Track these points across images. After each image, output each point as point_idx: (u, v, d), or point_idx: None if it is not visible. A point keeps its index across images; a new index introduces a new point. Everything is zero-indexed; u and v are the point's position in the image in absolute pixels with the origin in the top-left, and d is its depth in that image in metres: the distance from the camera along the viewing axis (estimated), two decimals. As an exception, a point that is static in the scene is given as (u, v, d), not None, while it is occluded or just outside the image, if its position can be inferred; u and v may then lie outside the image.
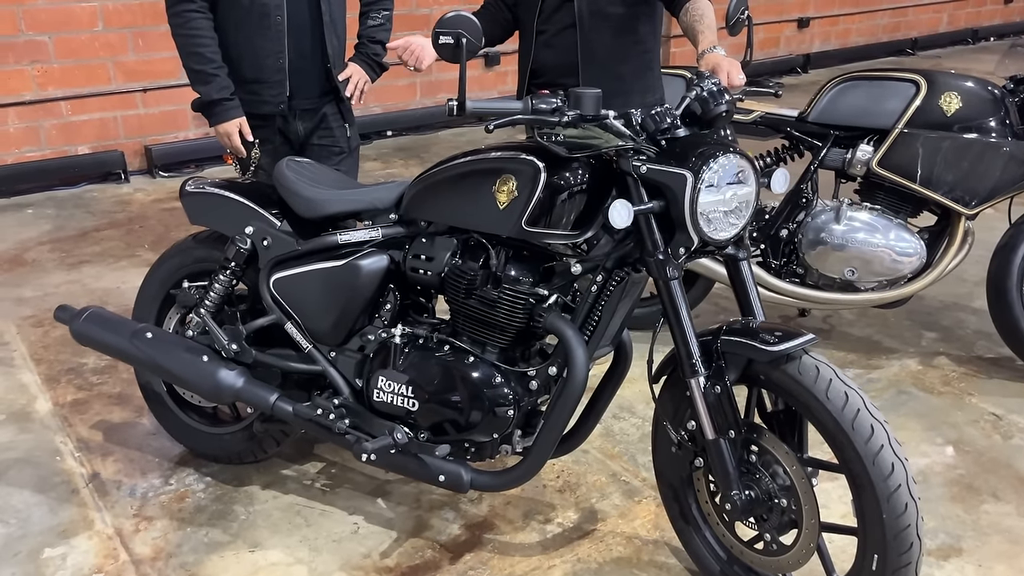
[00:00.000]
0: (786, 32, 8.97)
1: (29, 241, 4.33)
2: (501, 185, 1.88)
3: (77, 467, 2.49)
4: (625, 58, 2.55)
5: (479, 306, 1.95)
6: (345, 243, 2.11)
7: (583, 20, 2.48)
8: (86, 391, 2.90)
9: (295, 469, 2.47)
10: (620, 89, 2.49)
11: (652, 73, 2.66)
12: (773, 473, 1.75)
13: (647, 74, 2.63)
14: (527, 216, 1.84)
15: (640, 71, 2.60)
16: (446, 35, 1.75)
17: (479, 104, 1.78)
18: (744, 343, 1.70)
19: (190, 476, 2.44)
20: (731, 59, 2.12)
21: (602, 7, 2.48)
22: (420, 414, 2.01)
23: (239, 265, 2.21)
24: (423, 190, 2.05)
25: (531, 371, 1.97)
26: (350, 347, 2.14)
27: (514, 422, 1.96)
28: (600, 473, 2.44)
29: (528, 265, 1.96)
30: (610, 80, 2.39)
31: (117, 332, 2.25)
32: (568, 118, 1.75)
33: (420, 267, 2.03)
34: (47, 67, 5.06)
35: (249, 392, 2.16)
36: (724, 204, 1.75)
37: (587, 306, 1.91)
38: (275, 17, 2.57)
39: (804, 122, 3.00)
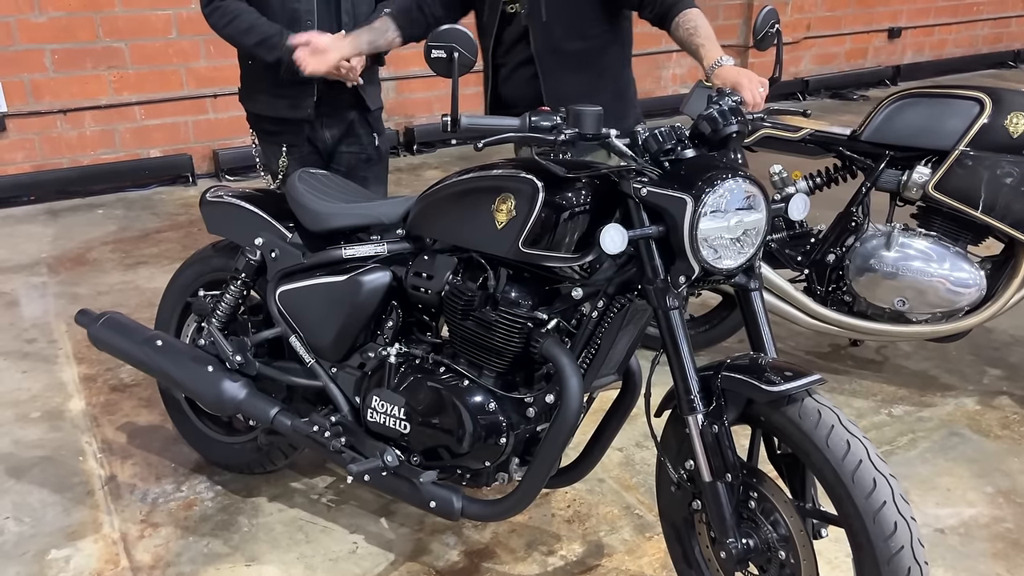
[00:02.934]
0: (875, 42, 8.60)
1: (94, 241, 4.49)
2: (500, 204, 1.81)
3: (97, 468, 2.53)
4: (593, 91, 2.34)
5: (476, 328, 1.88)
6: (350, 258, 2.07)
7: (541, 58, 2.35)
8: (119, 392, 2.96)
9: (305, 482, 2.45)
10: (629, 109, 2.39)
11: (624, 100, 2.51)
12: (773, 522, 1.62)
13: (618, 103, 2.45)
14: (525, 236, 1.76)
15: (611, 101, 2.32)
16: (439, 49, 1.69)
17: (474, 120, 1.71)
18: (744, 381, 1.58)
19: (201, 484, 2.45)
20: (749, 73, 1.99)
21: (559, 44, 2.35)
22: (412, 437, 1.95)
23: (249, 276, 2.20)
24: (427, 206, 1.99)
25: (528, 398, 1.88)
26: (351, 364, 2.10)
27: (508, 450, 1.88)
28: (613, 504, 2.34)
29: (528, 288, 1.88)
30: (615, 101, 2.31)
31: (130, 338, 2.27)
32: (566, 136, 1.67)
33: (420, 285, 1.98)
34: (123, 72, 5.25)
35: (250, 404, 2.14)
36: (729, 231, 1.63)
37: (587, 333, 1.82)
38: (305, 23, 2.58)
39: (857, 141, 2.82)
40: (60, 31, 5.01)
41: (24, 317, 3.56)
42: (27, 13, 4.90)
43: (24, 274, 4.04)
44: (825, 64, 8.29)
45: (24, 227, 4.74)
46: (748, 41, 7.67)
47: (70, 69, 5.11)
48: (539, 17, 2.29)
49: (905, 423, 2.71)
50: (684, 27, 2.23)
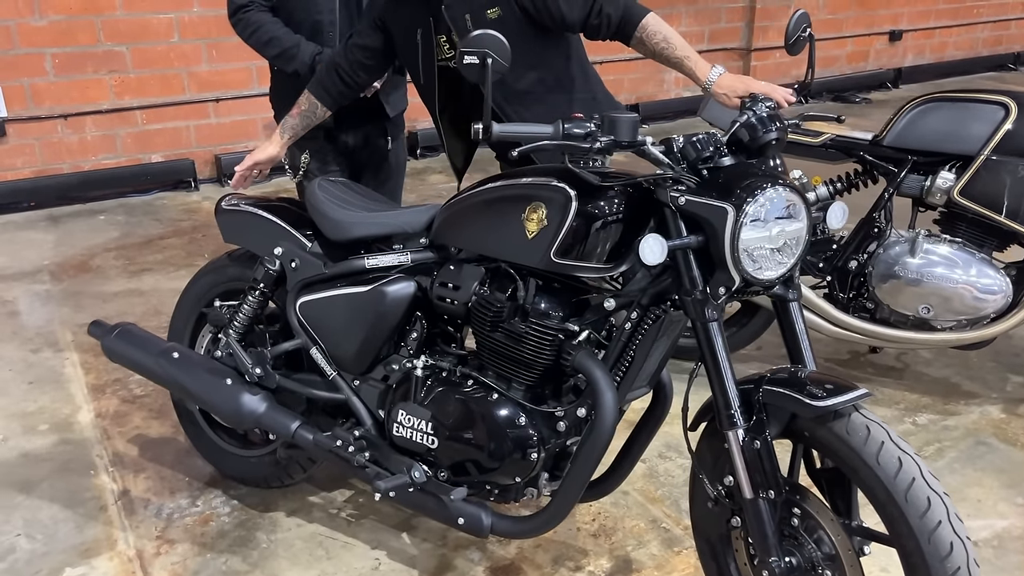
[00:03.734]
0: (876, 45, 8.58)
1: (96, 247, 4.43)
2: (530, 213, 1.76)
3: (109, 482, 2.47)
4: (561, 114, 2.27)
5: (505, 340, 1.83)
6: (373, 267, 2.02)
7: (500, 106, 2.22)
8: (128, 403, 2.90)
9: (323, 496, 2.40)
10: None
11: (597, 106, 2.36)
12: (817, 540, 1.58)
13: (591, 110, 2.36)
14: (557, 246, 1.72)
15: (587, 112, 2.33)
16: (471, 55, 1.64)
17: (507, 128, 1.67)
18: (788, 395, 1.53)
19: (217, 499, 2.39)
20: (749, 78, 2.02)
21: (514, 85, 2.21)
22: (440, 452, 1.90)
23: (268, 286, 2.15)
24: (453, 215, 1.95)
25: (559, 411, 1.84)
26: (374, 376, 2.05)
27: (539, 465, 1.84)
28: (639, 518, 2.29)
29: (558, 298, 1.83)
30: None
31: (145, 350, 2.22)
32: (601, 144, 1.63)
33: (446, 295, 1.93)
34: (124, 77, 5.19)
35: (270, 418, 2.09)
36: (770, 241, 1.59)
37: (620, 345, 1.78)
38: (328, 33, 2.64)
39: (879, 146, 2.78)
40: (60, 35, 4.95)
41: (28, 326, 3.49)
42: (27, 17, 4.84)
43: (26, 281, 3.98)
44: (827, 67, 8.27)
45: (25, 234, 4.67)
46: (750, 44, 7.66)
47: (71, 73, 5.05)
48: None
49: (931, 432, 2.67)
50: (651, 40, 2.20)
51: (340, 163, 2.82)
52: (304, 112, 2.44)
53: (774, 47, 7.76)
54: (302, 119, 2.45)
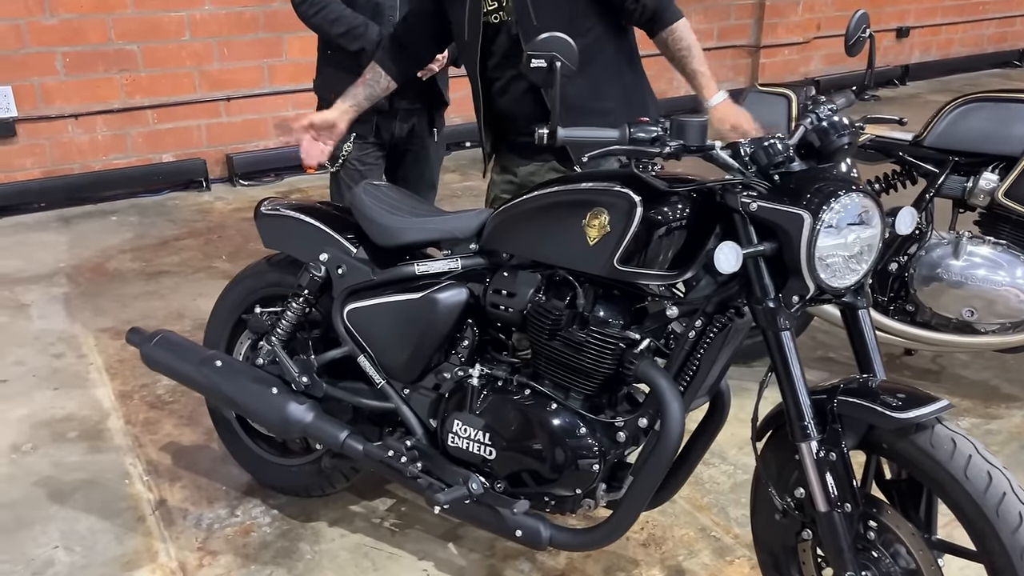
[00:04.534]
0: (884, 42, 8.55)
1: (111, 249, 4.37)
2: (592, 219, 1.72)
3: (145, 492, 2.43)
4: (597, 91, 2.24)
5: (563, 349, 1.79)
6: (422, 274, 1.98)
7: None
8: (157, 410, 2.85)
9: (364, 505, 2.36)
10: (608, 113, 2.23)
11: (634, 99, 2.35)
12: (895, 554, 1.55)
13: (627, 102, 2.32)
14: (620, 254, 1.68)
15: (619, 100, 2.30)
16: (538, 58, 1.60)
17: (573, 132, 1.63)
18: (866, 406, 1.50)
19: (256, 508, 2.35)
20: (746, 114, 2.10)
21: None
22: (497, 463, 1.86)
23: (312, 293, 2.11)
24: (506, 220, 1.91)
25: (619, 421, 1.80)
26: (425, 384, 2.01)
27: (599, 476, 1.80)
28: (688, 527, 2.26)
29: (618, 306, 1.79)
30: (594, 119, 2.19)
31: (186, 359, 2.17)
32: (670, 149, 1.59)
33: (501, 303, 1.89)
34: (135, 76, 5.13)
35: (318, 428, 2.05)
36: (845, 248, 1.55)
37: (683, 354, 1.74)
38: (388, 17, 2.69)
39: (919, 146, 2.75)
40: (71, 33, 4.88)
41: (49, 330, 3.44)
42: (37, 15, 4.77)
43: (43, 284, 3.92)
44: (834, 64, 8.25)
45: (37, 235, 4.61)
46: (759, 42, 7.62)
47: (81, 72, 4.98)
48: (529, 21, 2.16)
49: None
50: (675, 46, 2.20)
51: (377, 157, 2.85)
52: (369, 81, 2.42)
53: (783, 44, 7.74)
54: (366, 88, 2.42)
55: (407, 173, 2.99)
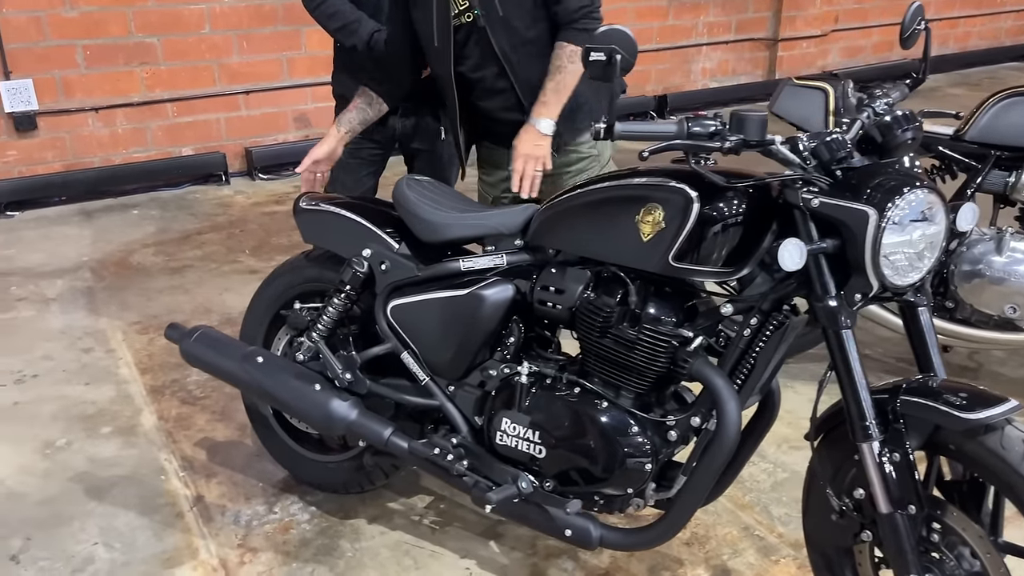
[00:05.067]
0: (901, 35, 8.48)
1: (134, 243, 4.36)
2: (645, 215, 1.70)
3: (181, 488, 2.41)
4: None
5: (614, 346, 1.77)
6: (468, 270, 1.96)
7: (507, 55, 2.21)
8: (190, 405, 2.84)
9: (403, 503, 2.34)
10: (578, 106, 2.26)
11: None
12: (959, 556, 1.52)
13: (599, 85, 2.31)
14: (676, 250, 1.66)
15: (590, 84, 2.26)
16: (598, 51, 1.58)
17: (629, 127, 1.61)
18: (931, 406, 1.48)
19: (294, 505, 2.33)
20: (542, 152, 2.15)
21: (523, 34, 2.20)
22: (546, 462, 1.84)
23: (355, 289, 2.09)
24: (554, 216, 1.88)
25: (670, 420, 1.78)
26: (470, 382, 1.99)
27: (651, 476, 1.78)
28: (731, 525, 2.24)
29: (671, 303, 1.77)
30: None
31: (227, 355, 2.15)
32: (731, 143, 1.56)
33: (549, 300, 1.86)
34: (155, 69, 5.11)
35: (362, 425, 2.03)
36: (910, 245, 1.52)
37: (738, 352, 1.72)
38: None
39: (960, 141, 2.71)
40: (92, 26, 4.87)
41: (76, 325, 3.43)
42: (58, 8, 4.75)
43: (68, 278, 3.91)
44: (852, 57, 8.19)
45: (59, 229, 4.60)
46: (777, 35, 7.57)
47: (102, 65, 4.96)
48: (496, 13, 2.17)
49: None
50: (552, 62, 2.18)
51: (373, 153, 2.76)
52: (360, 105, 2.42)
53: (801, 37, 7.68)
54: (359, 113, 2.42)
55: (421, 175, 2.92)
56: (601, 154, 2.40)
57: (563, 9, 2.17)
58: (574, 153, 2.36)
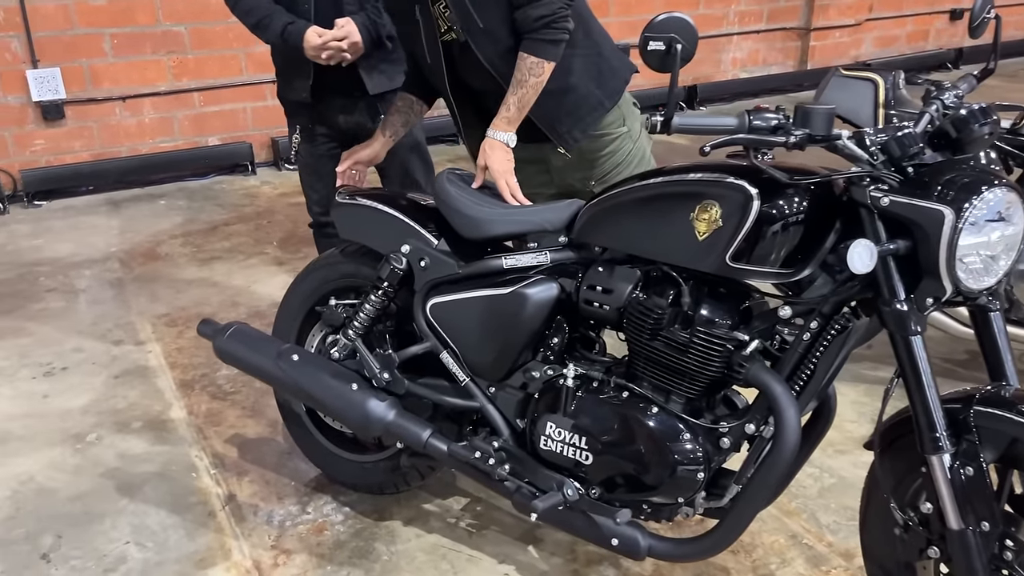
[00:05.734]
0: (936, 24, 8.33)
1: (162, 233, 4.33)
2: (701, 212, 1.62)
3: (213, 486, 2.37)
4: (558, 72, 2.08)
5: (665, 349, 1.70)
6: (510, 268, 1.89)
7: (495, 64, 2.08)
8: (220, 400, 2.80)
9: (438, 504, 2.28)
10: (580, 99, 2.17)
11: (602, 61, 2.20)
12: (1033, 575, 1.44)
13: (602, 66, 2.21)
14: (733, 250, 1.58)
15: (588, 70, 2.18)
16: (656, 40, 1.50)
17: (689, 120, 1.53)
18: (1008, 418, 1.40)
19: (328, 505, 2.28)
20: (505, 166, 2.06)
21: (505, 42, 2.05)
22: (593, 468, 1.77)
23: (393, 286, 2.02)
24: (602, 212, 1.81)
25: (723, 427, 1.70)
26: (511, 383, 1.92)
27: (702, 484, 1.71)
28: (778, 533, 2.16)
29: (725, 305, 1.69)
30: (560, 98, 2.14)
31: (262, 352, 2.10)
32: (795, 138, 1.48)
33: (596, 299, 1.79)
34: (182, 58, 5.08)
35: (400, 426, 1.97)
36: (987, 247, 1.44)
37: (797, 356, 1.64)
38: (303, 5, 2.48)
39: (1019, 135, 2.61)
40: (119, 14, 4.84)
41: (106, 316, 3.40)
42: (86, -5, 4.73)
43: (96, 269, 3.89)
44: (886, 47, 8.03)
45: (87, 219, 4.58)
46: (810, 24, 7.43)
47: (129, 54, 4.94)
48: (476, 25, 2.04)
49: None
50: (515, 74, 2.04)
51: (330, 148, 2.66)
52: (401, 108, 2.34)
53: (834, 26, 7.54)
54: (400, 116, 2.34)
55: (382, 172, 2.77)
56: (631, 129, 2.30)
57: (523, 17, 2.00)
58: (604, 136, 2.27)
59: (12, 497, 2.33)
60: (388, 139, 2.35)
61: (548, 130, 2.18)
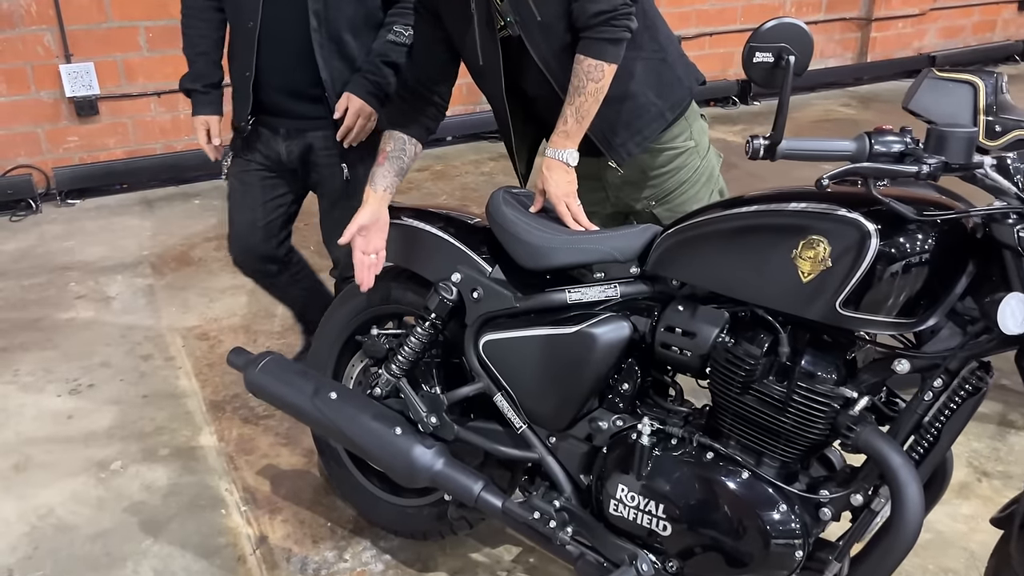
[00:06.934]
0: (1004, 14, 7.88)
1: (195, 236, 4.17)
2: (806, 250, 1.38)
3: (243, 525, 2.19)
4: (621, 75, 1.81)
5: (758, 405, 1.47)
6: (575, 303, 1.67)
7: (549, 63, 1.81)
8: (252, 425, 2.62)
9: (487, 554, 2.08)
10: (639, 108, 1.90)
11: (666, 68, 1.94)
12: None
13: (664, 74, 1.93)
14: (844, 296, 1.34)
15: (651, 76, 1.91)
16: (764, 51, 1.27)
17: (798, 144, 1.31)
18: None
19: (367, 551, 2.09)
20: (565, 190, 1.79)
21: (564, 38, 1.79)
22: (671, 540, 1.55)
23: (441, 318, 1.81)
24: (683, 243, 1.57)
25: (823, 495, 1.47)
26: (575, 434, 1.71)
27: (800, 563, 1.47)
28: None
29: (830, 355, 1.46)
30: (617, 106, 1.86)
31: (297, 388, 1.90)
32: (929, 168, 1.24)
33: (675, 343, 1.56)
34: (218, 52, 4.90)
35: (449, 477, 1.76)
36: None
37: (915, 418, 1.40)
38: (247, 23, 2.15)
39: None
40: (154, 7, 4.67)
41: (135, 327, 3.24)
42: (121, -13, 4.58)
43: (128, 275, 3.74)
44: (951, 38, 7.63)
45: (120, 219, 4.44)
46: (871, 14, 7.06)
47: (164, 48, 4.77)
48: (533, 17, 1.77)
49: None
50: (571, 80, 1.77)
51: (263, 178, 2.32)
52: (391, 154, 1.88)
53: (897, 16, 7.16)
54: (393, 163, 1.88)
55: (323, 221, 2.42)
56: (699, 144, 2.03)
57: (581, 11, 1.73)
58: (668, 151, 1.99)
59: (30, 534, 2.17)
60: (382, 195, 1.85)
61: (601, 142, 1.91)
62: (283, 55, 2.18)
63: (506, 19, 1.81)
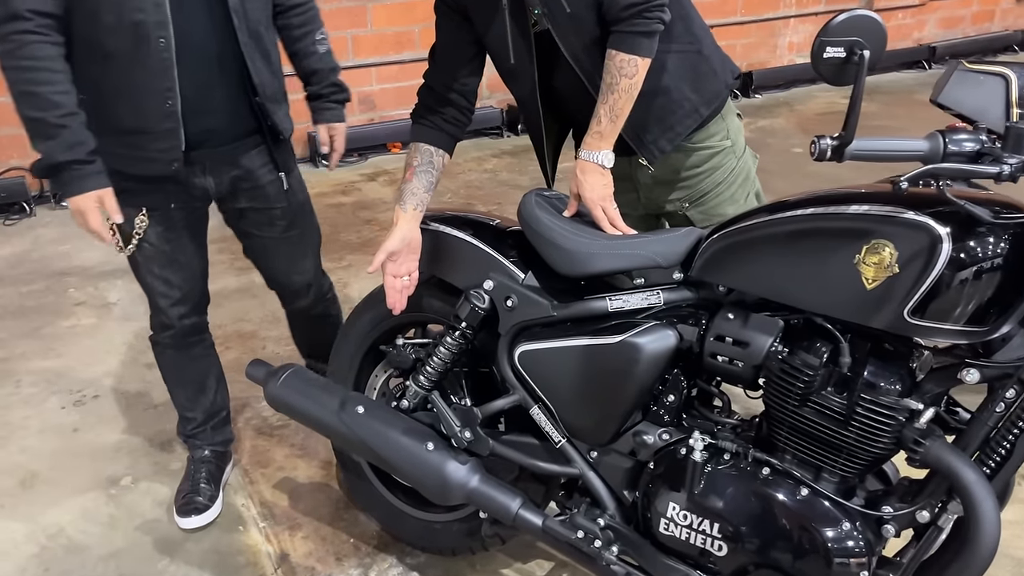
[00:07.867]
0: (1003, 4, 7.87)
1: (196, 239, 4.07)
2: (869, 255, 1.31)
3: (263, 543, 2.11)
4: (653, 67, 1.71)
5: (817, 418, 1.40)
6: (616, 311, 1.60)
7: (579, 59, 1.73)
8: (266, 436, 2.53)
9: (519, 570, 2.00)
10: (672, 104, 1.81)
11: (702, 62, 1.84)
12: None
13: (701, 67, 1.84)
14: (913, 303, 1.27)
15: (686, 75, 1.82)
16: (836, 46, 1.19)
17: (865, 144, 1.23)
18: None
19: (393, 569, 2.01)
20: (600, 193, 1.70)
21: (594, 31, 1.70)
22: (727, 560, 1.48)
23: (472, 327, 1.73)
24: (732, 247, 1.50)
25: (887, 512, 1.40)
26: (618, 448, 1.63)
27: (864, 583, 1.41)
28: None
29: (893, 365, 1.38)
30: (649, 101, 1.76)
31: (321, 402, 1.82)
32: (1010, 168, 1.17)
33: (726, 353, 1.49)
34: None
35: (485, 495, 1.69)
36: None
37: (985, 431, 1.33)
38: (156, 41, 1.76)
39: None
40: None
41: (139, 335, 3.14)
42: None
43: (128, 279, 3.59)
44: (950, 28, 7.59)
45: (117, 222, 4.33)
46: (871, 4, 7.00)
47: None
48: (562, 9, 1.69)
49: None
50: (603, 78, 1.68)
51: (191, 223, 2.06)
52: (419, 168, 1.79)
53: (897, 7, 7.12)
54: (422, 177, 1.78)
55: (260, 243, 2.20)
56: (736, 143, 1.95)
57: (611, 2, 1.64)
58: (703, 150, 1.91)
59: (39, 555, 2.08)
60: (412, 214, 1.75)
61: (632, 139, 1.82)
62: (205, 69, 1.85)
63: (535, 11, 1.73)
